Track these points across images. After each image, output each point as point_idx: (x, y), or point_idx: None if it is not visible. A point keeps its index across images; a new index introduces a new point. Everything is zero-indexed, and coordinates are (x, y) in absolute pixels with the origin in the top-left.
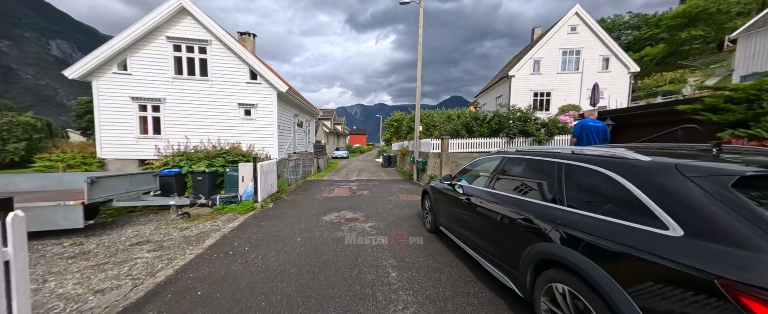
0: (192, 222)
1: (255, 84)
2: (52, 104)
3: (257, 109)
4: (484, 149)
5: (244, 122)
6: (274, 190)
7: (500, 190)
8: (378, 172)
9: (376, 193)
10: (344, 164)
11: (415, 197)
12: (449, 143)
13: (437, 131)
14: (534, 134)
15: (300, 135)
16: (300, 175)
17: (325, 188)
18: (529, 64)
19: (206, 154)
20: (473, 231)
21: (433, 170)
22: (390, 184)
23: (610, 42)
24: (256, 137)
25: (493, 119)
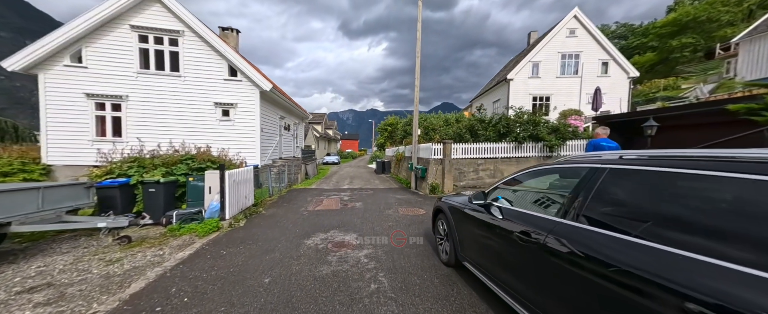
0: (130, 250)
1: (234, 81)
2: (26, 106)
3: (237, 109)
4: (491, 154)
5: (221, 123)
6: (249, 203)
7: (600, 227)
8: (371, 179)
9: (371, 205)
10: (335, 171)
11: (418, 211)
12: (452, 148)
13: (437, 135)
14: (544, 139)
15: (287, 139)
16: (285, 183)
17: (312, 198)
18: (527, 67)
19: (165, 160)
20: (537, 285)
21: (434, 178)
22: (386, 194)
23: (610, 46)
24: (234, 140)
25: (501, 121)
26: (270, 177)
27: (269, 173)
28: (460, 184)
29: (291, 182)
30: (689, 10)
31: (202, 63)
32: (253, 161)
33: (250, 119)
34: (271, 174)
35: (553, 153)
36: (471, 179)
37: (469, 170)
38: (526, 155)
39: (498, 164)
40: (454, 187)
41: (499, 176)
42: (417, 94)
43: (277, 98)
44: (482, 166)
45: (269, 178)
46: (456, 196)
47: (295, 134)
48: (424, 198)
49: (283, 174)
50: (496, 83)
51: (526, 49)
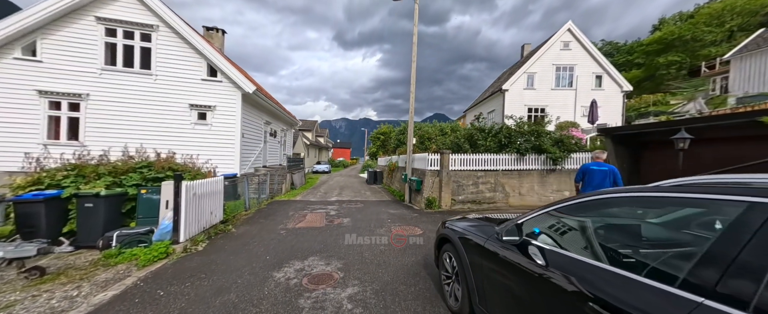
0: (38, 287)
1: (214, 82)
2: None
3: (215, 112)
4: (491, 166)
5: (196, 127)
6: (216, 219)
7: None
8: (362, 190)
9: (361, 222)
10: (324, 180)
11: (414, 230)
12: (450, 158)
13: (434, 145)
14: (548, 151)
15: (273, 146)
16: (266, 194)
17: (294, 213)
18: (522, 78)
19: (113, 168)
20: None
21: (430, 191)
22: (377, 208)
23: (603, 60)
24: (211, 146)
25: (501, 131)
26: (247, 188)
27: (246, 184)
28: (459, 198)
29: (273, 193)
30: (674, 30)
31: (178, 61)
32: (231, 169)
33: (229, 123)
34: (248, 185)
35: (556, 166)
36: (470, 193)
37: (468, 183)
38: (528, 167)
39: (499, 177)
40: (452, 201)
41: (501, 190)
42: (412, 101)
43: (262, 101)
44: (482, 179)
45: (246, 189)
46: (464, 221)
47: (282, 140)
48: (419, 214)
49: (265, 184)
50: (491, 93)
51: (521, 61)
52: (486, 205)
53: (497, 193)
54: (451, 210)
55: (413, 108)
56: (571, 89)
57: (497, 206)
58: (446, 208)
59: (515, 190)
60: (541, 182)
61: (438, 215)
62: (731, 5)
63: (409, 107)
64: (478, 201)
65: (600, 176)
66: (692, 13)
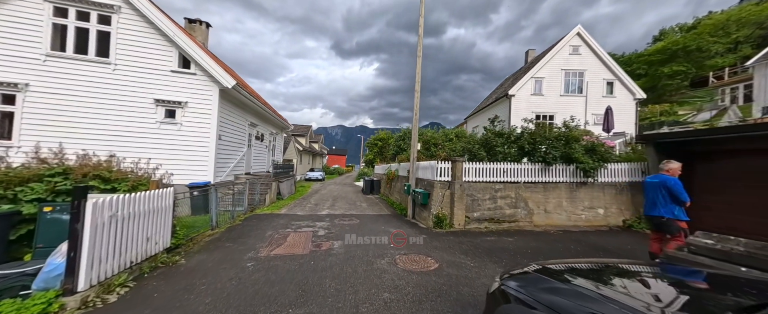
0: None
1: (186, 75)
2: None
3: (186, 109)
4: (511, 177)
5: (163, 127)
6: (157, 248)
7: None
8: (358, 201)
9: (356, 248)
10: (317, 189)
11: (427, 263)
12: (464, 167)
13: (442, 152)
14: (580, 160)
15: (259, 151)
16: (244, 207)
17: (273, 232)
18: (530, 83)
19: (4, 175)
20: None
21: (440, 206)
22: (376, 225)
23: (614, 66)
24: (180, 149)
25: (523, 136)
26: (214, 200)
27: (215, 195)
28: (474, 215)
29: (254, 205)
30: (678, 40)
31: (143, 48)
32: (204, 177)
33: (203, 123)
34: (217, 196)
35: (588, 178)
36: (487, 209)
37: (485, 196)
38: (555, 179)
39: (520, 190)
40: (466, 219)
41: (523, 207)
42: (417, 99)
43: (247, 100)
44: (501, 192)
45: (213, 201)
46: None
47: (271, 145)
48: (428, 235)
49: (243, 194)
50: (495, 99)
51: (526, 67)
52: (506, 224)
53: (519, 209)
54: (466, 230)
55: (418, 107)
56: (581, 95)
57: (519, 225)
58: (460, 227)
59: (540, 206)
60: (570, 197)
61: (451, 237)
62: (736, 15)
63: (414, 105)
64: (497, 219)
65: (650, 190)
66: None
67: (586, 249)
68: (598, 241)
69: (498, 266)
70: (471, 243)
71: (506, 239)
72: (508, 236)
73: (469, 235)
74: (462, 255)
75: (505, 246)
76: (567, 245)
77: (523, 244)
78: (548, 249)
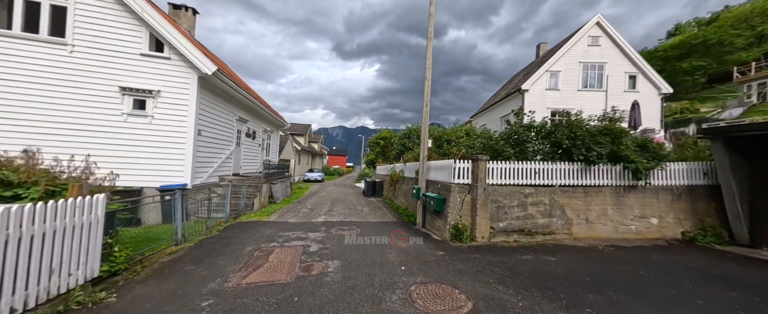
0: None
1: (158, 59)
2: None
3: (159, 100)
4: (544, 180)
5: (130, 121)
6: (78, 282)
7: None
8: (359, 205)
9: (357, 273)
10: (315, 190)
11: (454, 297)
12: (488, 168)
13: (456, 149)
14: (630, 159)
15: (251, 150)
16: (225, 214)
17: (254, 248)
18: (545, 77)
19: None
20: None
21: (458, 214)
22: (380, 236)
23: (638, 58)
24: (151, 146)
25: (560, 130)
26: (179, 208)
27: (178, 202)
28: (500, 225)
29: (239, 211)
30: (698, 34)
31: (107, 27)
32: (179, 178)
33: (179, 116)
34: (180, 203)
35: (638, 181)
36: (515, 218)
37: (513, 203)
38: (597, 182)
39: (555, 195)
40: (490, 231)
41: (560, 215)
42: (427, 88)
43: (233, 90)
44: (532, 198)
45: (178, 209)
46: None
47: (264, 144)
48: (447, 252)
49: (225, 199)
50: (506, 95)
51: (538, 60)
52: (540, 237)
53: (554, 219)
54: (492, 245)
55: (429, 97)
56: (600, 90)
57: (556, 238)
58: (483, 241)
59: (580, 215)
60: (616, 203)
61: (477, 255)
62: (761, 7)
63: (424, 93)
64: (528, 231)
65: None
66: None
67: (665, 275)
68: (667, 261)
69: (557, 307)
70: (505, 265)
71: (547, 258)
72: (547, 253)
73: (497, 252)
74: (499, 284)
75: (551, 271)
76: (632, 268)
77: (574, 267)
78: (611, 275)
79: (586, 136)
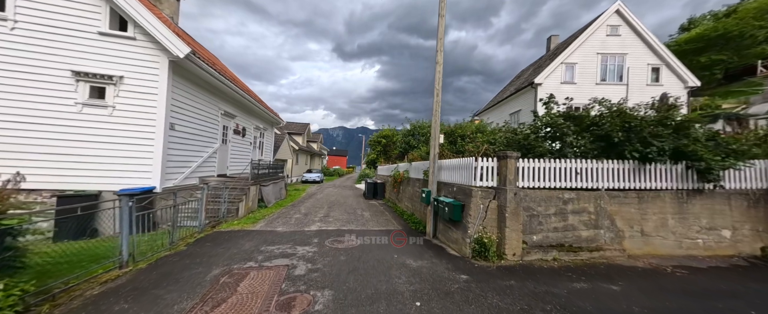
0: None
1: (120, 39)
2: None
3: (121, 87)
4: (588, 182)
5: (86, 112)
6: None
7: None
8: (359, 209)
9: (354, 309)
10: (313, 192)
11: None
12: (517, 167)
13: (473, 146)
14: (701, 157)
15: (240, 148)
16: (199, 222)
17: (222, 271)
18: (560, 70)
19: None
20: None
21: (481, 226)
22: (386, 253)
23: (662, 48)
24: (112, 142)
25: (611, 119)
26: (126, 218)
27: (125, 211)
28: (534, 238)
29: (220, 218)
30: (717, 26)
31: (58, 0)
32: (146, 180)
33: (145, 106)
34: (126, 213)
35: (706, 184)
36: (553, 230)
37: (549, 211)
38: (653, 185)
39: (602, 201)
40: (523, 246)
41: (608, 227)
42: (439, 75)
43: (216, 81)
44: (572, 204)
45: (124, 221)
46: None
47: (257, 142)
48: (471, 276)
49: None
50: (516, 90)
51: (550, 54)
52: (585, 254)
53: (601, 230)
54: (527, 265)
55: (440, 84)
56: (620, 83)
57: (606, 255)
58: (515, 260)
59: (634, 226)
60: (678, 211)
61: (512, 281)
62: None
63: (435, 80)
64: (569, 246)
65: None
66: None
67: None
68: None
69: None
70: (556, 300)
71: (607, 287)
72: (603, 278)
73: (538, 276)
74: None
75: (624, 310)
76: (736, 305)
77: (652, 303)
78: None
79: (644, 127)
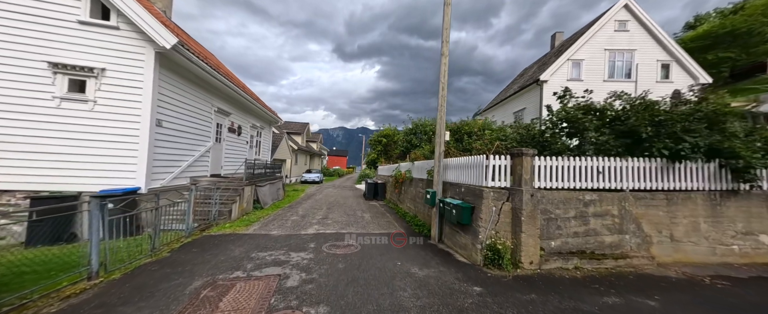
0: None
1: (103, 29)
2: None
3: (103, 81)
4: (611, 182)
5: (65, 106)
6: None
7: None
8: (359, 211)
9: None
10: (312, 193)
11: None
12: (534, 165)
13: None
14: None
15: (235, 147)
16: (187, 226)
17: (204, 283)
18: (566, 66)
19: None
20: None
21: (494, 229)
22: (388, 258)
23: (672, 44)
24: (93, 140)
25: (637, 113)
26: (94, 223)
27: (95, 215)
28: (552, 244)
29: (211, 221)
30: (724, 23)
31: None
32: (130, 180)
33: (130, 101)
34: (97, 218)
35: (741, 184)
36: (573, 235)
37: (568, 214)
38: (683, 185)
39: (626, 202)
40: (541, 255)
41: (634, 232)
42: (444, 67)
43: (208, 75)
44: (594, 207)
45: (95, 226)
46: None
47: (253, 141)
48: (486, 287)
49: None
50: (520, 88)
51: (554, 51)
52: (610, 261)
53: (626, 235)
54: (546, 274)
55: (446, 76)
56: (629, 80)
57: (632, 263)
58: (533, 268)
59: (662, 230)
60: (711, 215)
61: (533, 295)
62: None
63: (440, 73)
64: (591, 252)
65: None
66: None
67: None
68: None
69: None
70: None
71: (642, 302)
72: (634, 291)
73: (561, 288)
74: None
75: None
76: None
77: None
78: None
79: (676, 121)
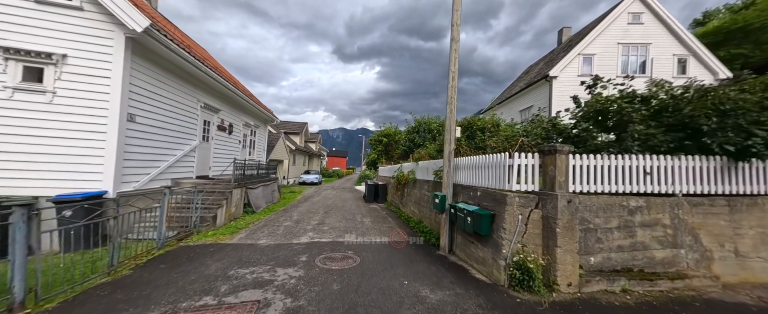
0: None
1: (64, 10)
2: None
3: (64, 69)
4: (662, 186)
5: (18, 98)
6: None
7: None
8: (359, 215)
9: None
10: (309, 195)
11: None
12: (568, 164)
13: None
14: None
15: (227, 146)
16: (160, 236)
17: (168, 309)
18: (577, 61)
19: None
20: None
21: (520, 242)
22: (391, 272)
23: (689, 37)
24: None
25: (697, 101)
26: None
27: (18, 228)
28: (591, 261)
29: (192, 229)
30: (736, 18)
31: None
32: (96, 182)
33: (96, 93)
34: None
35: None
36: (616, 250)
37: (609, 223)
38: (748, 189)
39: (680, 210)
40: (580, 274)
41: (689, 245)
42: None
43: (193, 68)
44: (640, 215)
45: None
46: None
47: (247, 140)
48: None
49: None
50: (527, 84)
51: (563, 46)
52: (664, 283)
53: (682, 250)
54: (590, 300)
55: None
56: (643, 76)
57: (691, 284)
58: (572, 292)
59: (725, 244)
60: None
61: None
62: None
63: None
64: (640, 270)
65: None
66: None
67: None
68: None
69: None
70: None
71: None
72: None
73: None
74: None
75: None
76: None
77: None
78: None
79: (748, 110)
